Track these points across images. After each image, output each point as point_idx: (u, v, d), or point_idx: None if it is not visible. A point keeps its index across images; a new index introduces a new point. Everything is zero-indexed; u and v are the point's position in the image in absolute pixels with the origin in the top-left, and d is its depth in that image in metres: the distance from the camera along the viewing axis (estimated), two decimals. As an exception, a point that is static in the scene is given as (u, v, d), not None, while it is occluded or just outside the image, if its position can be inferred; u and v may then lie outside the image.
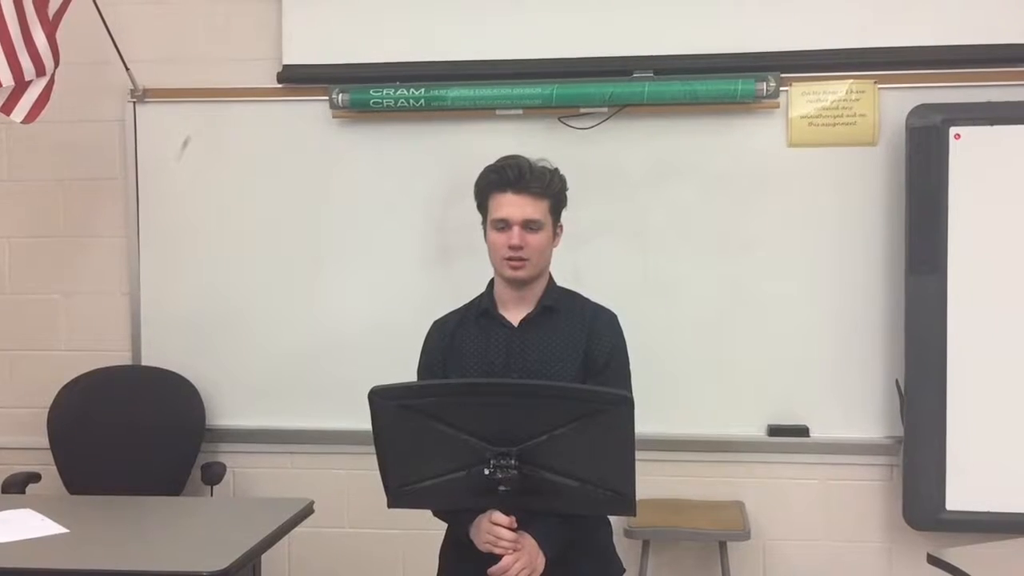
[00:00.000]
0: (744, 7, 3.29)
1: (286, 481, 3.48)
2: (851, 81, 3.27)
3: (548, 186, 2.25)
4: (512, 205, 2.23)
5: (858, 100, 3.27)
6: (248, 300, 3.50)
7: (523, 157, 2.29)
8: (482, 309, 2.34)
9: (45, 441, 3.44)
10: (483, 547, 2.10)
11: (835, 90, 3.27)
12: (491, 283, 2.37)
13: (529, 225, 2.23)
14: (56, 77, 3.12)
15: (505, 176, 2.24)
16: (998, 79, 3.21)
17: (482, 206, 2.31)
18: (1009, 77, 3.21)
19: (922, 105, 3.14)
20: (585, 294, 2.42)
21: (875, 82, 3.25)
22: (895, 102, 3.22)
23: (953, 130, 3.12)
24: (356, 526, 3.47)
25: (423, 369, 2.37)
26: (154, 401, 3.47)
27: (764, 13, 3.28)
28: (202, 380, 3.48)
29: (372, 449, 2.05)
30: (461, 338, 2.33)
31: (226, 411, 3.51)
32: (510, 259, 2.24)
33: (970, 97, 3.17)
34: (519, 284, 2.29)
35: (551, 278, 2.37)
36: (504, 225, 2.24)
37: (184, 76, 3.50)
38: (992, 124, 3.12)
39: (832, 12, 3.26)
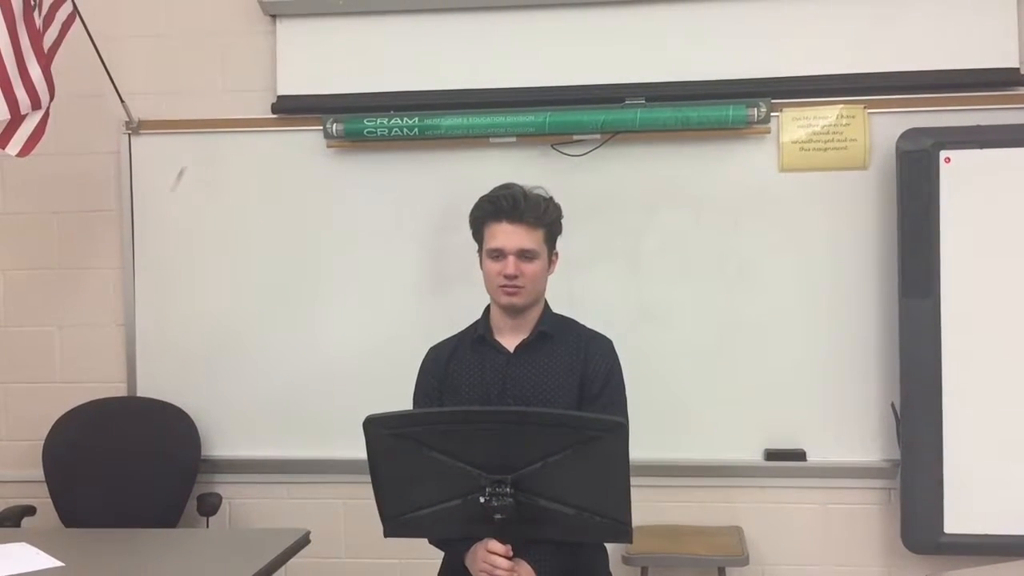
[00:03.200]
0: (735, 34, 3.31)
1: (282, 512, 3.47)
2: (841, 106, 3.29)
3: (543, 215, 2.27)
4: (507, 235, 2.25)
5: (848, 125, 3.29)
6: (243, 330, 3.50)
7: (518, 186, 2.30)
8: (478, 335, 2.35)
9: (40, 474, 3.42)
10: (479, 575, 2.10)
11: (826, 115, 3.30)
12: (487, 310, 2.38)
13: (524, 254, 2.25)
14: (52, 110, 3.13)
15: (500, 206, 2.26)
16: (988, 103, 3.23)
17: (477, 235, 2.33)
18: (998, 101, 3.24)
19: (912, 129, 3.16)
20: (580, 320, 2.42)
21: (865, 107, 3.28)
22: (885, 126, 3.24)
23: (943, 154, 3.14)
24: (353, 556, 3.45)
25: (419, 395, 2.38)
26: (150, 432, 3.46)
27: (755, 40, 3.31)
28: (198, 411, 3.47)
29: (369, 478, 2.05)
30: (457, 364, 2.34)
31: (222, 442, 3.50)
32: (505, 286, 2.26)
33: (960, 121, 3.19)
34: (515, 311, 2.30)
35: (547, 304, 2.38)
36: (499, 254, 2.26)
37: (179, 108, 3.52)
38: (982, 148, 3.14)
39: (822, 38, 3.29)
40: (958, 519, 3.14)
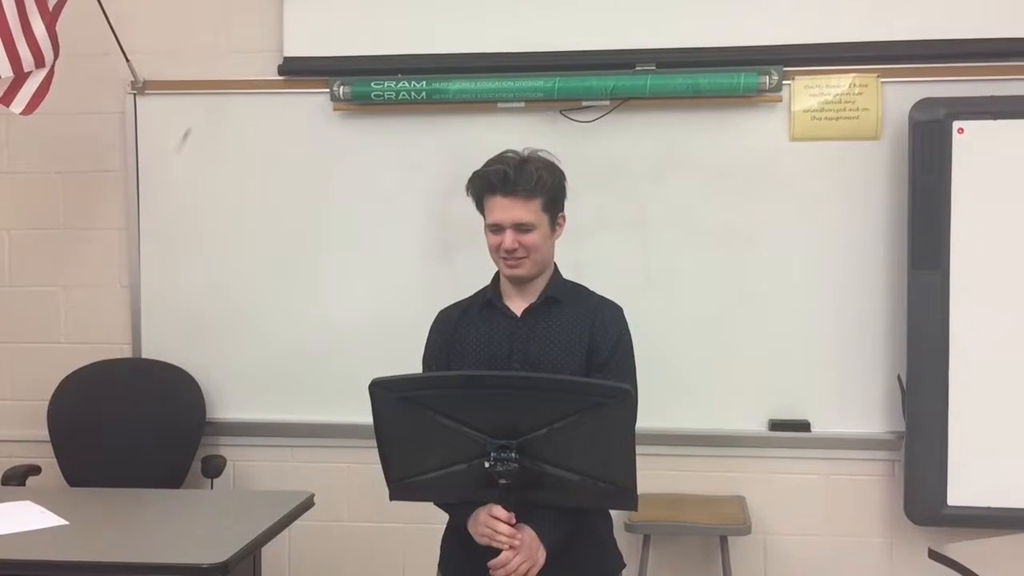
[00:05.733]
0: (747, 1, 3.27)
1: (286, 474, 3.48)
2: (854, 75, 3.25)
3: (536, 185, 2.22)
4: (502, 209, 2.22)
5: (861, 94, 3.25)
6: (249, 293, 3.49)
7: (513, 155, 2.26)
8: (486, 299, 2.34)
9: (45, 434, 3.43)
10: (480, 540, 2.10)
11: (838, 84, 3.26)
12: (496, 275, 2.37)
13: (520, 227, 2.22)
14: (56, 69, 3.11)
15: (491, 181, 2.23)
16: (1002, 73, 3.20)
17: (479, 208, 2.31)
18: (1013, 71, 3.20)
19: (925, 99, 3.13)
20: (589, 287, 2.41)
21: (878, 76, 3.24)
22: (898, 96, 3.21)
23: (956, 124, 3.11)
24: (356, 519, 3.47)
25: (428, 357, 2.37)
26: (154, 394, 3.47)
27: (767, 6, 3.27)
28: (202, 373, 3.48)
29: (372, 442, 2.05)
30: (465, 328, 2.33)
31: (226, 404, 3.51)
32: (506, 259, 2.25)
33: (973, 91, 3.16)
34: (520, 280, 2.29)
35: (556, 269, 2.36)
36: (497, 228, 2.24)
37: (185, 68, 3.50)
38: (995, 118, 3.11)
39: (835, 5, 3.25)
40: (961, 492, 3.14)
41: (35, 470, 3.38)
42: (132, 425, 3.41)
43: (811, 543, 3.34)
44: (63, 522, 2.52)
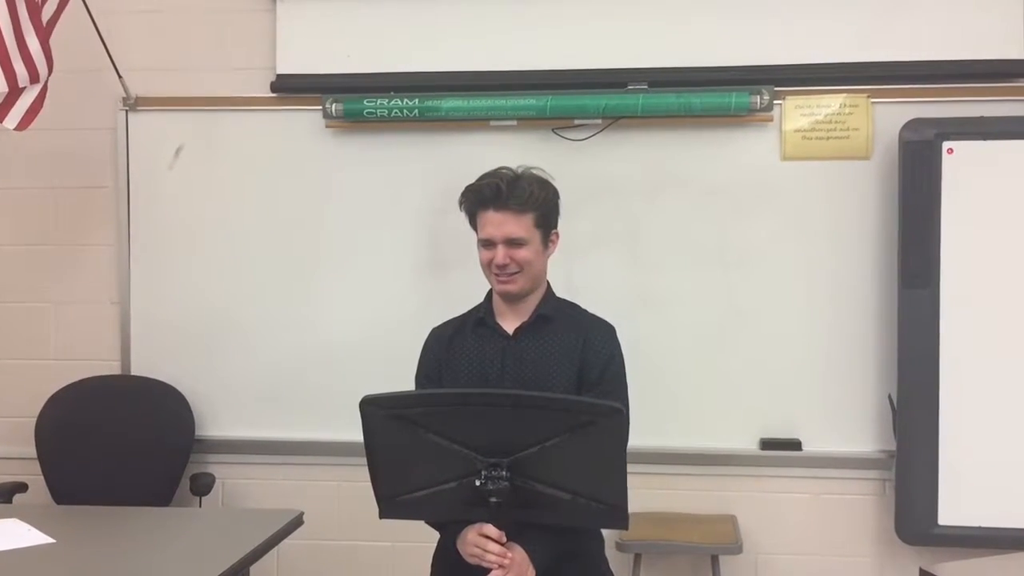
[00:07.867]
0: (739, 20, 3.29)
1: (276, 492, 3.46)
2: (845, 95, 3.27)
3: (527, 200, 2.23)
4: (493, 224, 2.23)
5: (852, 114, 3.27)
6: (239, 310, 3.48)
7: (507, 170, 2.27)
8: (478, 318, 2.34)
9: (32, 451, 3.41)
10: (470, 559, 2.09)
11: (829, 104, 3.28)
12: (489, 293, 2.37)
13: (512, 242, 2.22)
14: (48, 85, 3.10)
15: (483, 195, 2.24)
16: (991, 94, 3.22)
17: (472, 224, 2.31)
18: (1002, 92, 3.22)
19: (915, 119, 3.15)
20: (582, 305, 2.41)
21: (868, 96, 3.26)
22: (888, 116, 3.23)
23: (946, 144, 3.13)
24: (346, 538, 3.45)
25: (420, 376, 2.38)
26: (143, 411, 3.45)
27: (759, 27, 3.29)
28: (192, 390, 3.46)
29: (363, 460, 2.04)
30: (458, 346, 2.33)
31: (216, 422, 3.49)
32: (498, 275, 2.25)
33: (963, 112, 3.18)
34: (512, 297, 2.29)
35: (549, 287, 2.36)
36: (489, 243, 2.24)
37: (177, 84, 3.50)
38: (985, 139, 3.13)
39: (827, 26, 3.27)
40: (952, 511, 3.14)
41: (22, 487, 3.35)
42: (120, 442, 3.39)
43: (802, 562, 3.33)
44: (50, 540, 2.49)
